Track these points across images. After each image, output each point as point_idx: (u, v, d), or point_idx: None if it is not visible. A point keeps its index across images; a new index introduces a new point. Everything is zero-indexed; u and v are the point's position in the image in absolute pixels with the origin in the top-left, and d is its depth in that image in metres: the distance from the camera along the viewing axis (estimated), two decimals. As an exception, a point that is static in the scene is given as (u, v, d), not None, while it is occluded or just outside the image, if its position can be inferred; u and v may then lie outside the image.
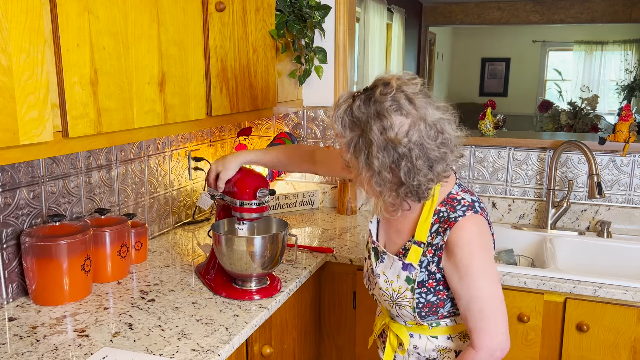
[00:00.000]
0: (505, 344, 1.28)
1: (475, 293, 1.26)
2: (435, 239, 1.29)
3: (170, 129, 1.65)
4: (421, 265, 1.32)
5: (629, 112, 2.32)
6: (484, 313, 1.26)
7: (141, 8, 1.45)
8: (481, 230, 1.28)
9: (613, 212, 2.34)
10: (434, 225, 1.30)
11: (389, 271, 1.37)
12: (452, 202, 1.30)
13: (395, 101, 1.17)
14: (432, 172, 1.21)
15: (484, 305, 1.26)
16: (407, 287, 1.33)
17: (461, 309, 1.30)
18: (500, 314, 1.27)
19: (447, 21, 9.00)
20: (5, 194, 1.54)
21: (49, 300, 1.56)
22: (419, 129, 1.17)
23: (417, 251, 1.31)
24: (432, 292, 1.33)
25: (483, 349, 1.27)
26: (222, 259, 1.63)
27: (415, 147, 1.17)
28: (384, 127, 1.16)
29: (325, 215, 2.58)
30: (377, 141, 1.17)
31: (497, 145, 2.45)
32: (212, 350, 1.33)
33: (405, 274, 1.33)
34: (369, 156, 1.19)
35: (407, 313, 1.36)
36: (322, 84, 2.66)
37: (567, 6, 8.32)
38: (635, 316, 1.76)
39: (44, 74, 1.17)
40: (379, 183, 1.22)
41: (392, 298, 1.37)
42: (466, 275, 1.26)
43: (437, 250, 1.29)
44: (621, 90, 9.02)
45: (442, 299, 1.34)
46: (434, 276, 1.31)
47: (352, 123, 1.22)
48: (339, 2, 2.57)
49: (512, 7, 8.60)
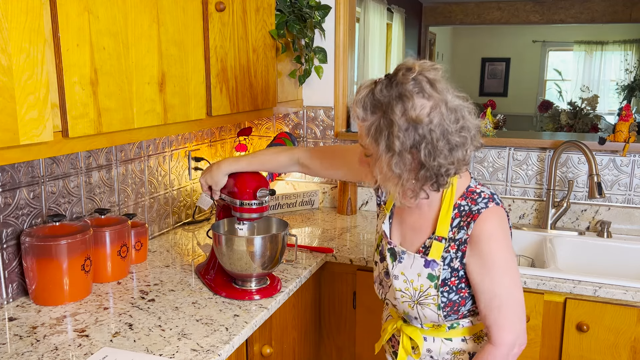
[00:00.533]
0: (523, 339, 1.29)
1: (499, 289, 1.26)
2: (458, 234, 1.28)
3: (170, 129, 1.65)
4: (444, 261, 1.30)
5: (629, 112, 2.32)
6: (505, 309, 1.27)
7: (141, 8, 1.45)
8: (504, 223, 1.28)
9: (613, 212, 2.34)
10: (455, 219, 1.29)
11: (409, 271, 1.34)
12: (472, 195, 1.29)
13: (418, 84, 1.17)
14: (452, 157, 1.20)
15: (506, 301, 1.27)
16: (429, 284, 1.31)
17: (481, 305, 1.29)
18: (521, 310, 1.28)
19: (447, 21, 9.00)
20: (5, 194, 1.54)
21: (49, 300, 1.56)
22: (440, 112, 1.17)
23: (439, 247, 1.30)
24: (454, 290, 1.31)
25: (502, 345, 1.27)
26: (222, 259, 1.63)
27: (437, 129, 1.17)
28: (406, 109, 1.16)
29: (325, 215, 2.58)
30: (398, 121, 1.16)
31: (497, 145, 2.45)
32: (212, 350, 1.33)
33: (428, 272, 1.31)
34: (390, 136, 1.17)
35: (431, 312, 1.33)
36: (322, 84, 2.66)
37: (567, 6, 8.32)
38: (635, 316, 1.76)
39: (44, 74, 1.17)
40: (399, 165, 1.19)
41: (414, 298, 1.33)
42: (492, 270, 1.26)
43: (460, 245, 1.28)
44: (621, 90, 9.02)
45: (463, 297, 1.32)
46: (456, 273, 1.30)
47: (373, 106, 1.21)
48: (339, 2, 2.57)
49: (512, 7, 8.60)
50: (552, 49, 10.19)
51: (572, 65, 10.04)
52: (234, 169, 1.66)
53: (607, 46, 9.76)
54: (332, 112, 2.67)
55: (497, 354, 1.28)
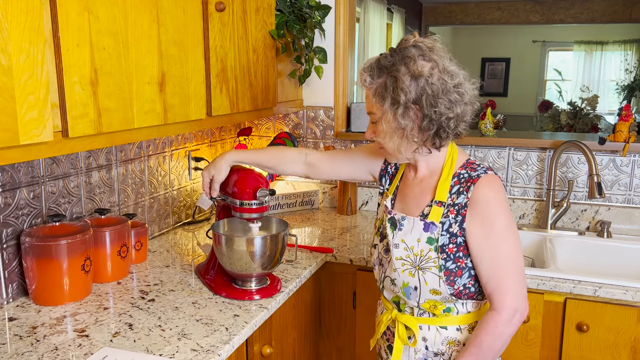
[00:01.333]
0: (524, 306, 1.31)
1: (501, 251, 1.30)
2: (458, 199, 1.33)
3: (170, 129, 1.65)
4: (443, 226, 1.34)
5: (629, 112, 2.32)
6: (507, 272, 1.30)
7: (141, 8, 1.45)
8: (503, 192, 1.34)
9: (613, 212, 2.34)
10: (454, 187, 1.35)
11: (409, 236, 1.37)
12: (471, 165, 1.37)
13: (418, 49, 1.31)
14: (451, 110, 1.30)
15: (508, 263, 1.30)
16: (429, 248, 1.34)
17: (483, 271, 1.32)
18: (522, 275, 1.32)
19: (447, 21, 9.00)
20: (5, 194, 1.54)
21: (49, 300, 1.56)
22: (439, 70, 1.30)
23: (438, 211, 1.35)
24: (451, 258, 1.34)
25: (505, 309, 1.29)
26: (222, 259, 1.63)
27: (436, 83, 1.28)
28: (409, 67, 1.28)
29: (325, 215, 2.58)
30: (402, 77, 1.28)
31: (497, 145, 2.45)
32: (212, 350, 1.33)
33: (427, 235, 1.35)
34: (395, 90, 1.28)
35: (432, 276, 1.34)
36: (322, 84, 2.66)
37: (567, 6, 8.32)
38: (635, 316, 1.76)
39: (44, 74, 1.17)
40: (405, 117, 1.30)
41: (415, 263, 1.36)
42: (491, 232, 1.30)
43: (460, 209, 1.32)
44: (621, 90, 9.02)
45: (460, 267, 1.34)
46: (455, 240, 1.33)
47: (379, 70, 1.33)
48: (339, 2, 2.57)
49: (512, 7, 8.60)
50: (552, 49, 10.18)
51: (572, 65, 10.04)
52: (238, 159, 1.66)
53: (607, 46, 9.76)
54: (332, 112, 2.67)
55: (500, 320, 1.30)
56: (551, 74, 10.31)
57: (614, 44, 9.68)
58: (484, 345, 1.31)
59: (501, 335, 1.30)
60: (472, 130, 2.48)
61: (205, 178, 1.68)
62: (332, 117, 2.67)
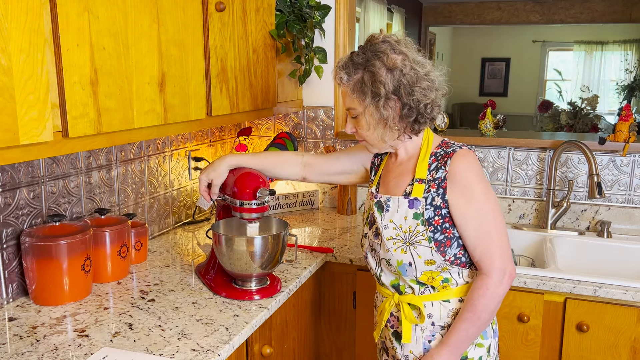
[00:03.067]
0: (512, 267, 1.38)
1: (483, 216, 1.37)
2: (437, 174, 1.41)
3: (170, 129, 1.65)
4: (426, 201, 1.40)
5: (629, 112, 2.32)
6: (493, 236, 1.37)
7: (141, 8, 1.45)
8: (479, 164, 1.42)
9: (613, 212, 2.34)
10: (432, 164, 1.43)
11: (396, 216, 1.43)
12: (446, 144, 1.46)
13: (388, 43, 1.39)
14: (427, 97, 1.39)
15: (492, 227, 1.37)
16: (416, 222, 1.40)
17: (469, 238, 1.39)
18: (506, 239, 1.39)
19: (447, 21, 9.00)
20: (5, 194, 1.54)
21: (49, 300, 1.56)
22: (409, 62, 1.38)
23: (419, 187, 1.42)
24: (439, 230, 1.40)
25: (494, 271, 1.36)
26: (222, 259, 1.63)
27: (409, 73, 1.37)
28: (383, 61, 1.37)
29: (325, 215, 2.58)
30: (379, 71, 1.36)
31: (497, 145, 2.45)
32: (212, 350, 1.33)
33: (413, 212, 1.41)
34: (375, 84, 1.36)
35: (424, 248, 1.40)
36: (322, 84, 2.66)
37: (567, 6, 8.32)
38: (635, 316, 1.76)
39: (44, 74, 1.17)
40: (386, 107, 1.38)
41: (406, 240, 1.42)
42: (472, 198, 1.37)
43: (440, 182, 1.40)
44: (621, 90, 9.02)
45: (448, 237, 1.40)
46: (439, 211, 1.39)
47: (354, 67, 1.40)
48: (339, 2, 2.57)
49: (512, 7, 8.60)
50: (552, 49, 10.19)
51: (572, 65, 10.04)
52: (237, 162, 1.67)
53: (607, 46, 9.76)
54: (332, 112, 2.67)
55: (490, 282, 1.36)
56: (551, 74, 10.31)
57: (614, 44, 9.68)
58: (479, 308, 1.37)
59: (493, 297, 1.36)
60: (472, 130, 2.48)
61: (202, 181, 1.68)
62: (332, 117, 2.67)
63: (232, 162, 1.67)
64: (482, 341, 1.46)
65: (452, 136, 2.51)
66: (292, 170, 1.74)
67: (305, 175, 1.74)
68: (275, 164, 1.72)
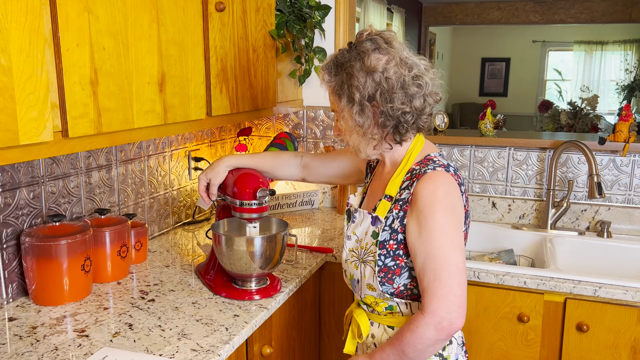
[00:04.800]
0: (455, 315, 1.20)
1: (432, 251, 1.22)
2: (403, 194, 1.29)
3: (170, 129, 1.65)
4: (386, 221, 1.31)
5: (629, 112, 2.32)
6: (438, 275, 1.20)
7: (141, 8, 1.45)
8: (449, 189, 1.26)
9: (613, 212, 2.34)
10: (405, 182, 1.31)
11: (359, 229, 1.38)
12: (427, 162, 1.31)
13: (374, 42, 1.29)
14: (410, 104, 1.28)
15: (439, 266, 1.21)
16: (372, 241, 1.33)
17: (417, 270, 1.25)
18: (456, 283, 1.20)
19: (447, 21, 9.01)
20: (5, 194, 1.54)
21: (49, 300, 1.56)
22: (395, 63, 1.27)
23: (385, 205, 1.33)
24: (390, 255, 1.30)
25: (429, 314, 1.20)
26: (222, 259, 1.63)
27: (392, 76, 1.26)
28: (364, 63, 1.27)
29: (325, 215, 2.58)
30: (357, 75, 1.27)
31: (497, 145, 2.45)
32: (212, 350, 1.33)
33: (372, 229, 1.34)
34: (350, 88, 1.28)
35: (370, 270, 1.33)
36: (322, 84, 2.65)
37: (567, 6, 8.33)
38: (635, 316, 1.76)
39: (44, 74, 1.17)
40: (360, 115, 1.28)
41: (360, 256, 1.36)
42: (424, 229, 1.23)
43: (403, 204, 1.29)
44: (621, 90, 9.03)
45: (399, 266, 1.30)
46: (395, 236, 1.30)
47: (336, 68, 1.32)
48: (339, 2, 2.57)
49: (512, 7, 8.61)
50: (552, 49, 10.19)
51: (572, 65, 10.05)
52: (236, 162, 1.67)
53: (607, 46, 9.76)
54: (332, 112, 2.67)
55: (422, 321, 1.21)
56: (551, 74, 10.32)
57: (614, 44, 9.68)
58: (404, 341, 1.24)
59: (421, 339, 1.22)
60: (472, 130, 2.48)
61: (201, 181, 1.68)
62: (332, 117, 2.67)
63: (231, 163, 1.67)
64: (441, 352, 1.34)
65: (452, 136, 2.51)
66: (290, 171, 1.74)
67: (304, 177, 1.75)
68: (273, 165, 1.73)
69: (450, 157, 2.51)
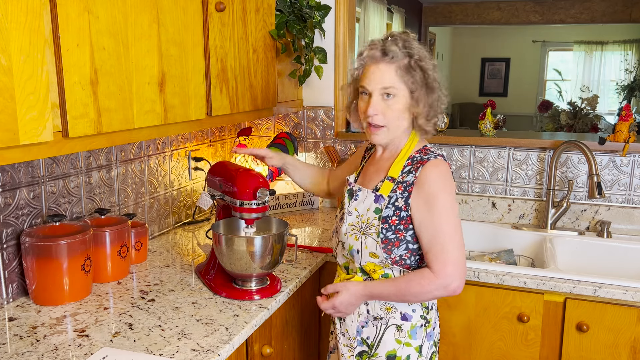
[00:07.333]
0: (461, 283, 1.41)
1: (440, 226, 1.40)
2: (407, 177, 1.46)
3: (170, 129, 1.65)
4: (389, 200, 1.46)
5: (628, 112, 2.32)
6: (446, 246, 1.40)
7: (141, 8, 1.45)
8: (448, 175, 1.45)
9: (613, 212, 2.34)
10: (407, 167, 1.47)
11: (361, 205, 1.50)
12: (425, 151, 1.49)
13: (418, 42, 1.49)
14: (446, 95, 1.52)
15: (448, 238, 1.40)
16: (375, 216, 1.47)
17: (425, 245, 1.43)
18: (460, 253, 1.41)
19: (447, 21, 9.00)
20: (5, 194, 1.54)
21: (49, 300, 1.56)
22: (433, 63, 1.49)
23: (388, 185, 1.47)
24: (392, 229, 1.45)
25: (442, 277, 1.39)
26: (222, 259, 1.63)
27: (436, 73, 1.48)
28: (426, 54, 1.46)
29: (325, 215, 2.58)
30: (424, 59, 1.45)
31: (497, 145, 2.45)
32: (212, 350, 1.33)
33: (375, 206, 1.47)
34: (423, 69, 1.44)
35: (372, 241, 1.47)
36: (322, 84, 2.66)
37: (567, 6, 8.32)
38: (635, 316, 1.76)
39: (44, 74, 1.17)
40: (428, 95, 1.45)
41: (361, 229, 1.49)
42: (433, 207, 1.41)
43: (407, 186, 1.45)
44: (621, 90, 9.02)
45: (399, 239, 1.46)
46: (398, 212, 1.45)
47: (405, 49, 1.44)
48: (339, 2, 2.57)
49: (512, 7, 8.60)
50: (552, 49, 10.19)
51: (572, 65, 10.04)
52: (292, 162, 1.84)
53: (607, 46, 9.76)
54: (332, 112, 2.67)
55: (435, 282, 1.40)
56: (551, 74, 10.31)
57: (614, 44, 9.68)
58: (410, 290, 1.42)
59: (428, 293, 1.41)
60: (472, 130, 2.48)
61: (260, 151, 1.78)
62: (332, 117, 2.67)
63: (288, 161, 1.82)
64: (410, 340, 1.49)
65: (452, 136, 2.51)
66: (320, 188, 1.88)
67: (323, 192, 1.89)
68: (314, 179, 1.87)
69: (450, 157, 2.51)
